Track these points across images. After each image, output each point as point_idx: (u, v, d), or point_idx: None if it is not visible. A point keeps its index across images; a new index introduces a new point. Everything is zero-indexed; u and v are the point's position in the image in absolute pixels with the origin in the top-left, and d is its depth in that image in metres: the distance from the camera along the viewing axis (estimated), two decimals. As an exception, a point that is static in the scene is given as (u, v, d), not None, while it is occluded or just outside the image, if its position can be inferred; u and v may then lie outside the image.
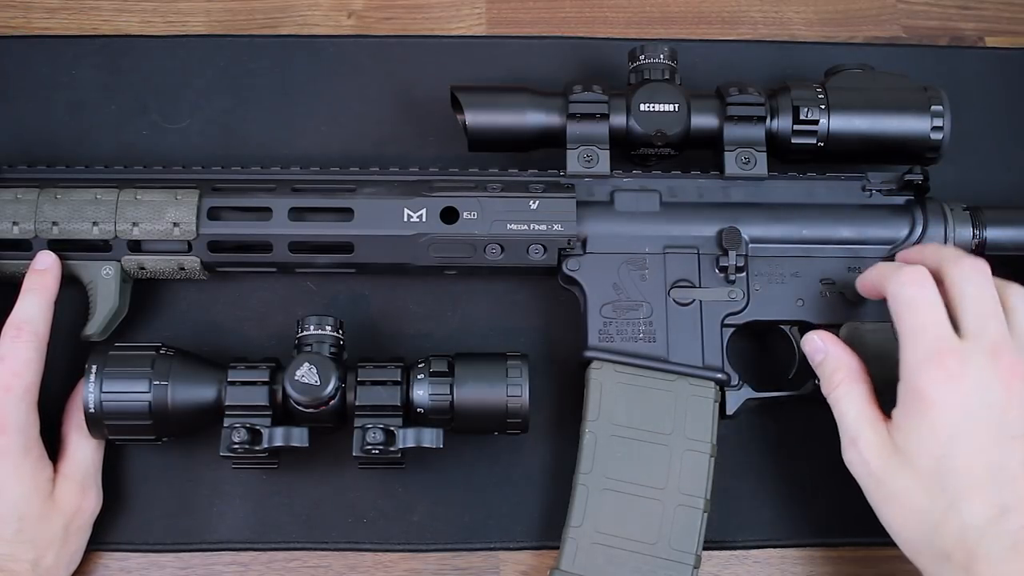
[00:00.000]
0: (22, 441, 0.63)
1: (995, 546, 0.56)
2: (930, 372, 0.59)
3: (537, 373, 0.71)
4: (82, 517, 0.66)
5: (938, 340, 0.59)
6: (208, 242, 0.70)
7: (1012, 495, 0.56)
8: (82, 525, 0.67)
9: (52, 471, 0.66)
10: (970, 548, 0.56)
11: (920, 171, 0.71)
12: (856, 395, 0.63)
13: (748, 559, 0.70)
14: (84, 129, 0.78)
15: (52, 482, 0.65)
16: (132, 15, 0.83)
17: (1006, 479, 0.57)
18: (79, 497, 0.66)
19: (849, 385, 0.64)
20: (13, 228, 0.68)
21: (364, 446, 0.64)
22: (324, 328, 0.66)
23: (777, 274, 0.70)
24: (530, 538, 0.70)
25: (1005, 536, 0.56)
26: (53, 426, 0.68)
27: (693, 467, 0.66)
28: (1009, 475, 0.57)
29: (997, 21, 0.85)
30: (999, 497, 0.56)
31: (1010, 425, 0.58)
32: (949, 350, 0.59)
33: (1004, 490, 0.57)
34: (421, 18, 0.84)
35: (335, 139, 0.79)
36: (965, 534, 0.56)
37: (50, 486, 0.65)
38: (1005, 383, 0.58)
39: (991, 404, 0.58)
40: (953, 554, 0.57)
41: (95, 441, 0.68)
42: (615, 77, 0.77)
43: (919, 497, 0.58)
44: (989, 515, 0.56)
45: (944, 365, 0.58)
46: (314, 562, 0.70)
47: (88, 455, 0.67)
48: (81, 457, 0.67)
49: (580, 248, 0.70)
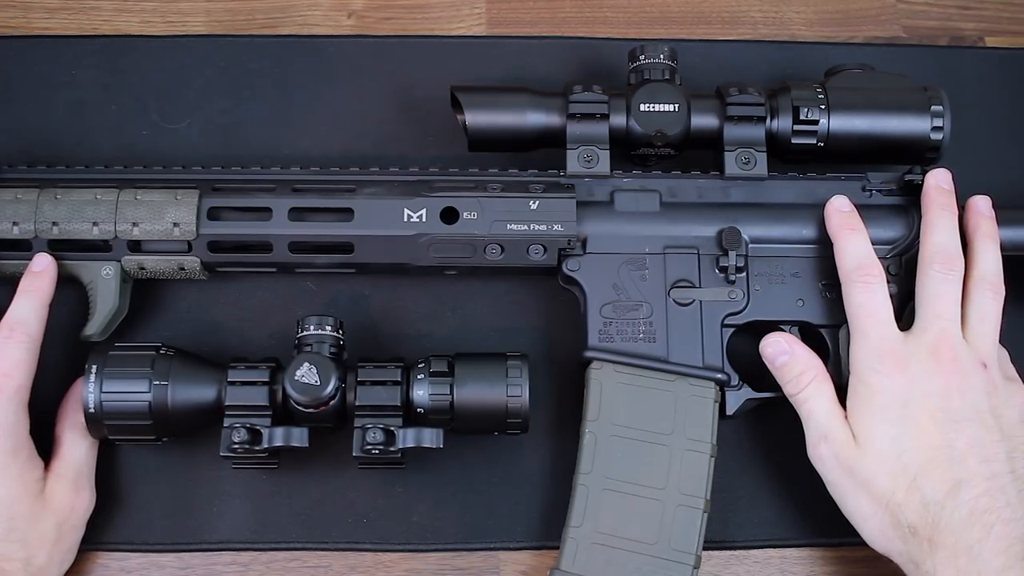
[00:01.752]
0: (11, 442, 0.64)
1: (955, 516, 0.61)
2: (874, 366, 0.65)
3: (537, 373, 0.71)
4: (75, 516, 0.66)
5: (882, 339, 0.65)
6: (208, 242, 0.70)
7: (963, 471, 0.62)
8: (75, 524, 0.67)
9: (43, 471, 0.66)
10: (932, 521, 0.61)
11: (920, 171, 0.71)
12: (825, 394, 0.67)
13: (748, 559, 0.70)
14: (84, 129, 0.78)
15: (43, 482, 0.65)
16: (132, 15, 0.83)
17: (956, 457, 0.62)
18: (72, 496, 0.66)
19: (818, 385, 0.67)
20: (13, 228, 0.68)
21: (364, 446, 0.64)
22: (324, 328, 0.66)
23: (777, 274, 0.70)
24: (530, 538, 0.70)
25: (962, 506, 0.61)
26: (52, 426, 0.68)
27: (693, 467, 0.66)
28: (958, 454, 0.62)
29: (997, 21, 0.85)
30: (952, 473, 0.62)
31: (954, 411, 0.63)
32: (890, 350, 0.65)
33: (955, 467, 0.62)
34: (421, 18, 0.84)
35: (335, 139, 0.79)
36: (927, 508, 0.61)
37: (40, 486, 0.65)
38: (944, 375, 0.64)
39: (931, 393, 0.64)
40: (919, 527, 0.62)
41: (89, 440, 0.68)
42: (615, 77, 0.77)
43: (884, 479, 0.63)
44: (946, 489, 0.61)
45: (884, 361, 0.65)
46: (314, 562, 0.70)
47: (82, 454, 0.67)
48: (75, 457, 0.67)
49: (580, 248, 0.70)
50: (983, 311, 0.66)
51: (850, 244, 0.68)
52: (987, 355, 0.65)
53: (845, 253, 0.68)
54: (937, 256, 0.67)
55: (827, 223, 0.70)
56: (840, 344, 0.69)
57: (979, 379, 0.64)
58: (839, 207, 0.70)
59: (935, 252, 0.67)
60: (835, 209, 0.70)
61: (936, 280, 0.66)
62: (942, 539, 0.61)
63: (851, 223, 0.69)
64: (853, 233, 0.68)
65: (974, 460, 0.62)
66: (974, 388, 0.64)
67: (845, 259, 0.68)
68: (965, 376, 0.64)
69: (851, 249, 0.68)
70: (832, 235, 0.69)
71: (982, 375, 0.64)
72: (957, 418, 0.63)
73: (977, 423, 0.63)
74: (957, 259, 0.67)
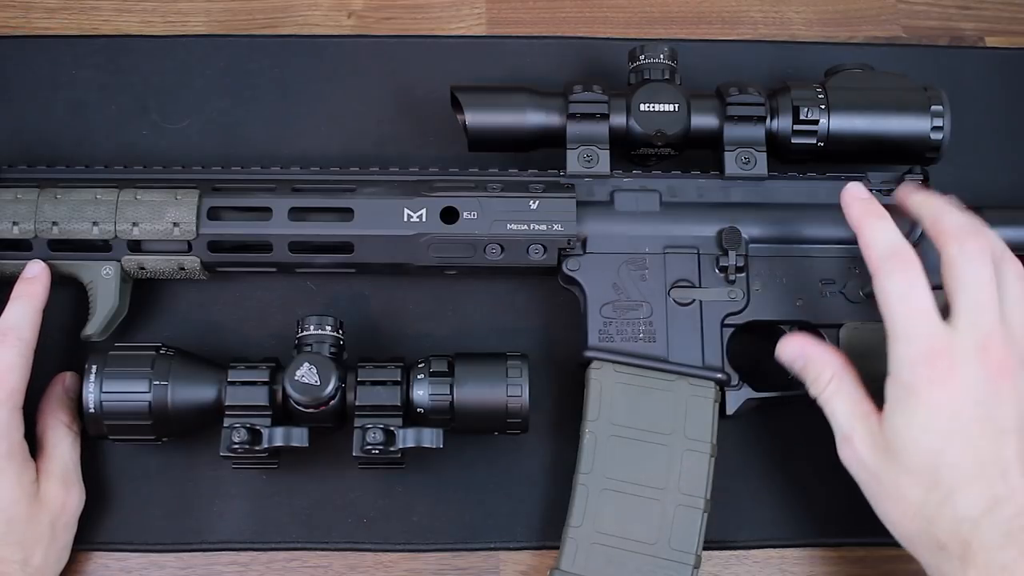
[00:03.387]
0: (5, 446, 0.64)
1: (989, 535, 0.57)
2: (920, 371, 0.59)
3: (537, 373, 0.71)
4: (67, 514, 0.67)
5: (928, 338, 0.59)
6: (208, 242, 0.70)
7: (1004, 486, 0.58)
8: (68, 522, 0.67)
9: (36, 472, 0.66)
10: (965, 538, 0.57)
11: (920, 171, 0.71)
12: (846, 392, 0.63)
13: (748, 559, 0.70)
14: (84, 129, 0.78)
15: (36, 483, 0.65)
16: (132, 15, 0.83)
17: (998, 472, 0.58)
18: (63, 494, 0.66)
19: (839, 383, 0.63)
20: (13, 228, 0.68)
21: (364, 446, 0.64)
22: (324, 328, 0.66)
23: (777, 274, 0.70)
24: (530, 538, 0.70)
25: (998, 525, 0.57)
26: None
27: (693, 467, 0.66)
28: (1001, 468, 0.58)
29: (997, 21, 0.85)
30: (991, 489, 0.58)
31: (1000, 420, 0.59)
32: (940, 350, 0.59)
33: (996, 482, 0.58)
34: (421, 18, 0.84)
35: (335, 139, 0.79)
36: (959, 525, 0.57)
37: (35, 487, 0.65)
38: (994, 381, 0.59)
39: (980, 401, 0.59)
40: (948, 544, 0.58)
41: (73, 436, 0.68)
42: (615, 77, 0.77)
43: (915, 491, 0.59)
44: (982, 506, 0.57)
45: (934, 365, 0.59)
46: (314, 562, 0.70)
47: (67, 451, 0.67)
48: (60, 454, 0.67)
49: (580, 248, 0.70)
50: (1014, 297, 0.61)
51: (878, 231, 0.63)
52: None
53: (874, 241, 0.63)
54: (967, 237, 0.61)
55: (846, 212, 0.65)
56: (840, 344, 0.69)
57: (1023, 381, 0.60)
58: (857, 194, 0.65)
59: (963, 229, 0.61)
60: (853, 196, 0.65)
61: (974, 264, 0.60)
62: (974, 558, 0.56)
63: (873, 209, 0.64)
64: (878, 219, 0.63)
65: (1016, 473, 0.58)
66: (1020, 392, 0.59)
67: (875, 247, 0.62)
68: (1013, 379, 0.59)
69: (880, 236, 0.63)
70: (855, 224, 0.64)
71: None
72: (1004, 428, 0.58)
73: (1022, 432, 0.59)
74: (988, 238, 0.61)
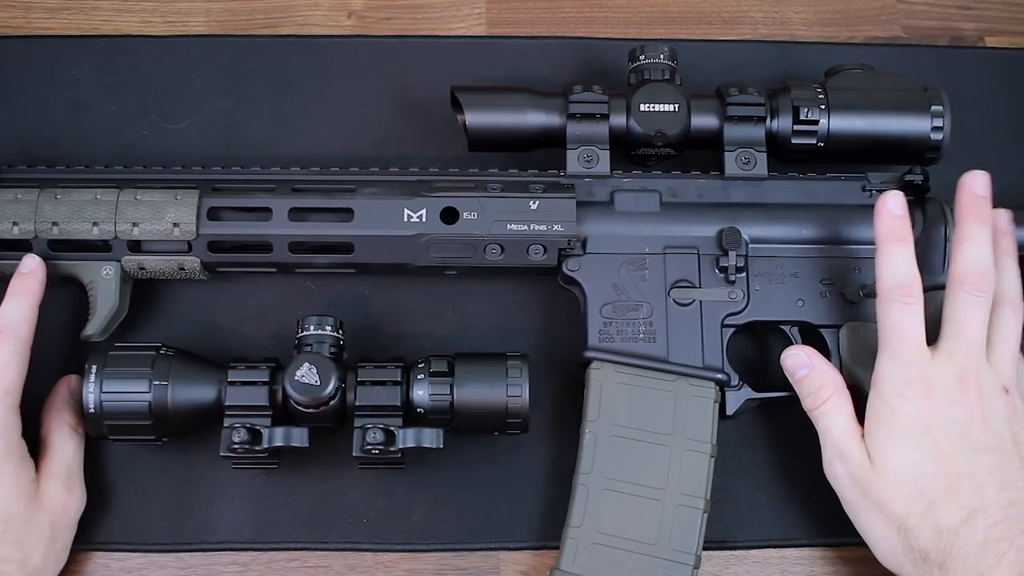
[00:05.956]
0: (3, 444, 0.63)
1: (967, 544, 0.60)
2: (900, 389, 0.63)
3: (537, 373, 0.71)
4: (68, 515, 0.66)
5: (911, 364, 0.63)
6: (208, 242, 0.70)
7: (980, 499, 0.61)
8: (68, 523, 0.67)
9: (35, 471, 0.66)
10: (945, 547, 0.60)
11: (920, 171, 0.71)
12: (843, 411, 0.66)
13: (748, 559, 0.70)
14: (84, 129, 0.78)
15: (35, 483, 0.65)
16: (132, 15, 0.83)
17: (974, 485, 0.61)
18: (64, 495, 0.66)
19: (836, 401, 0.66)
20: (13, 228, 0.68)
21: (364, 446, 0.64)
22: (324, 328, 0.66)
23: (777, 274, 0.70)
24: (530, 538, 0.70)
25: (976, 535, 0.60)
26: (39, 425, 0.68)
27: (693, 467, 0.66)
28: (977, 482, 0.61)
29: (997, 21, 0.85)
30: (969, 501, 0.61)
31: (976, 439, 0.62)
32: (918, 375, 0.63)
33: (973, 495, 0.61)
34: (421, 18, 0.84)
35: (335, 139, 0.79)
36: (940, 535, 0.61)
37: (34, 486, 0.65)
38: (967, 405, 0.63)
39: (955, 420, 0.62)
40: (930, 554, 0.61)
41: (77, 438, 0.68)
42: (615, 77, 0.77)
43: (899, 503, 0.62)
44: (961, 517, 0.60)
45: (912, 385, 0.63)
46: (314, 562, 0.70)
47: (70, 452, 0.67)
48: (63, 455, 0.67)
49: (580, 248, 0.70)
50: (1004, 332, 0.65)
51: (895, 258, 0.64)
52: (1009, 379, 0.64)
53: (889, 267, 0.64)
54: (969, 275, 0.64)
55: (876, 223, 0.65)
56: (840, 344, 0.69)
57: (1001, 406, 0.63)
58: (892, 209, 0.65)
59: (967, 271, 0.64)
60: (887, 211, 0.65)
61: (966, 302, 0.64)
62: (953, 566, 0.60)
63: (901, 233, 0.65)
64: (900, 245, 0.65)
65: (993, 488, 0.61)
66: (996, 415, 0.63)
67: (887, 274, 0.64)
68: (988, 403, 0.63)
69: (896, 264, 0.64)
70: (878, 240, 0.65)
71: (1004, 401, 0.63)
72: (978, 446, 0.62)
73: (998, 451, 0.62)
74: (990, 279, 0.64)
